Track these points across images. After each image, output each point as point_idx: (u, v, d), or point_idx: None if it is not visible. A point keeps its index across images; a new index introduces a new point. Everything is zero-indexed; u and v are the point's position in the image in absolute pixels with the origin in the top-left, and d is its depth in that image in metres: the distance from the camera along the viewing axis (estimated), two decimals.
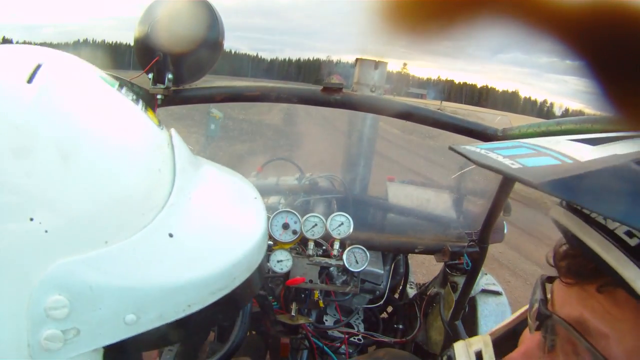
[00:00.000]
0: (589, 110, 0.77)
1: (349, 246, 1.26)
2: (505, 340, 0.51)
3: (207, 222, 0.46)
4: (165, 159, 0.45)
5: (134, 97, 0.48)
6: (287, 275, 1.24)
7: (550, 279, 0.42)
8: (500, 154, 0.36)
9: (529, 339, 0.42)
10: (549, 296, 0.41)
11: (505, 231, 1.53)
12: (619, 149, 0.36)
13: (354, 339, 1.41)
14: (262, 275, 0.51)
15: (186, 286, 0.40)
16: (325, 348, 1.32)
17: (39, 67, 0.40)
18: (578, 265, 0.39)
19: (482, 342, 0.52)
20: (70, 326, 0.35)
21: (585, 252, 0.37)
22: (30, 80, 0.38)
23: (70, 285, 0.35)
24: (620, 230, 0.34)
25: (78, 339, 0.36)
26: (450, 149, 0.42)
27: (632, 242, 0.33)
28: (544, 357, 0.40)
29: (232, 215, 0.51)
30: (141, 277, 0.38)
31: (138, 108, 0.47)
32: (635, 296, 0.32)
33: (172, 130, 0.51)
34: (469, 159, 0.38)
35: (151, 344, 0.47)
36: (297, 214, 1.26)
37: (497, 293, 1.72)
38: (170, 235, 0.41)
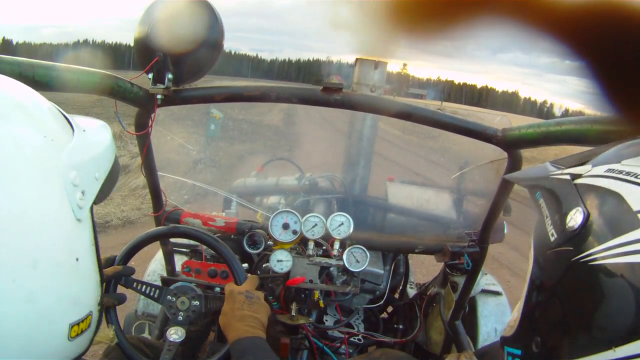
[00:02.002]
0: (589, 110, 0.77)
1: (349, 246, 1.26)
2: None
3: None
4: None
5: None
6: (287, 275, 1.24)
7: None
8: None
9: None
10: None
11: (506, 231, 1.53)
12: None
13: (354, 339, 1.41)
14: None
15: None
16: (325, 348, 1.31)
17: None
18: None
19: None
20: (81, 188, 0.53)
21: None
22: None
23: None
24: None
25: (86, 196, 0.54)
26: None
27: None
28: None
29: None
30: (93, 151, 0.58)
31: None
32: None
33: None
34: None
35: None
36: (297, 214, 1.26)
37: (497, 293, 1.72)
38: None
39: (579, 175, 0.50)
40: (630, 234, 0.40)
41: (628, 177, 0.44)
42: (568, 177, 0.51)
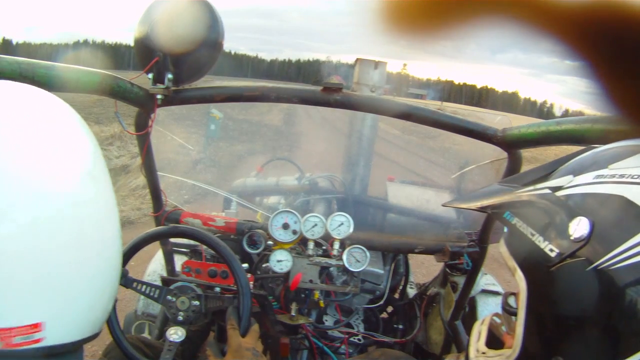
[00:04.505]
0: (589, 110, 0.77)
1: (349, 246, 1.26)
2: None
3: None
4: None
5: None
6: (287, 275, 1.24)
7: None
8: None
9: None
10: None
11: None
12: None
13: (354, 339, 1.41)
14: None
15: None
16: (325, 348, 1.31)
17: None
18: None
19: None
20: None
21: None
22: None
23: None
24: None
25: None
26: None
27: None
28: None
29: None
30: None
31: None
32: None
33: None
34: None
35: None
36: (297, 214, 1.26)
37: (497, 293, 1.71)
38: None
39: (560, 188, 0.49)
40: None
41: (624, 180, 0.43)
42: (547, 191, 0.50)
